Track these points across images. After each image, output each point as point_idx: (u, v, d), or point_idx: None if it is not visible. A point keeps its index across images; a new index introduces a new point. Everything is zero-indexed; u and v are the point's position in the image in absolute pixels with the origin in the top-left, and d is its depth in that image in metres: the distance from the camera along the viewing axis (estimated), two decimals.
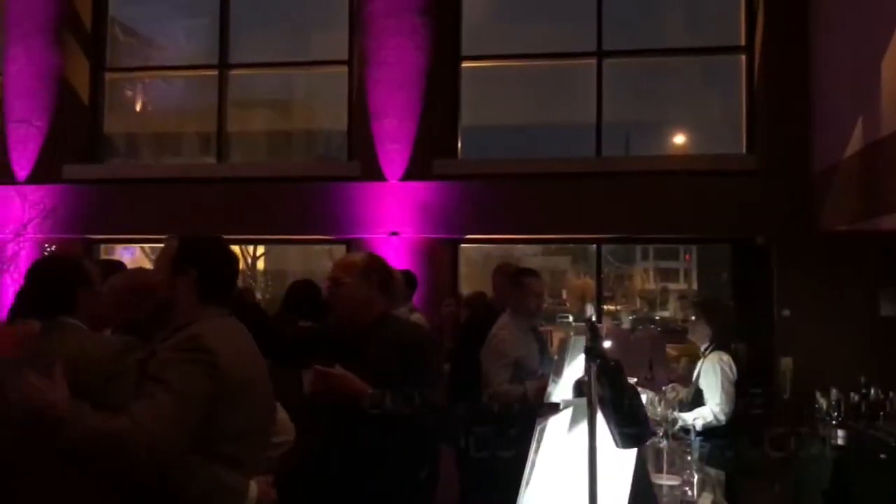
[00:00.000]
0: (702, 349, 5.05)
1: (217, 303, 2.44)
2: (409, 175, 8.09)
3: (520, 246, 9.28)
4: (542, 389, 4.25)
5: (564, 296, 13.24)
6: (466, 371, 4.69)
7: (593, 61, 8.30)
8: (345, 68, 8.72)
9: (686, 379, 5.54)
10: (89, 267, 2.69)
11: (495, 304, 5.54)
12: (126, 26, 9.89)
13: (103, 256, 8.72)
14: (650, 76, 8.70)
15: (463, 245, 8.41)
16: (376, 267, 3.24)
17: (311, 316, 4.40)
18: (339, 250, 8.74)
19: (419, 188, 8.07)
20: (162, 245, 2.55)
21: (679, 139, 8.85)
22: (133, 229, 8.65)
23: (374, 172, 8.14)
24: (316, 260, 10.16)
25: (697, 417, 4.69)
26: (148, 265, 10.12)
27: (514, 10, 8.99)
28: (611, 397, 1.77)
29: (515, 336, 4.49)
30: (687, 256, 14.60)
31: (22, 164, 8.64)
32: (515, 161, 8.20)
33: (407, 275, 5.79)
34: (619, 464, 1.99)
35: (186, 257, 2.42)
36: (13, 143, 8.67)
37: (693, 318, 5.34)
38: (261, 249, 11.82)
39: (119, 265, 4.81)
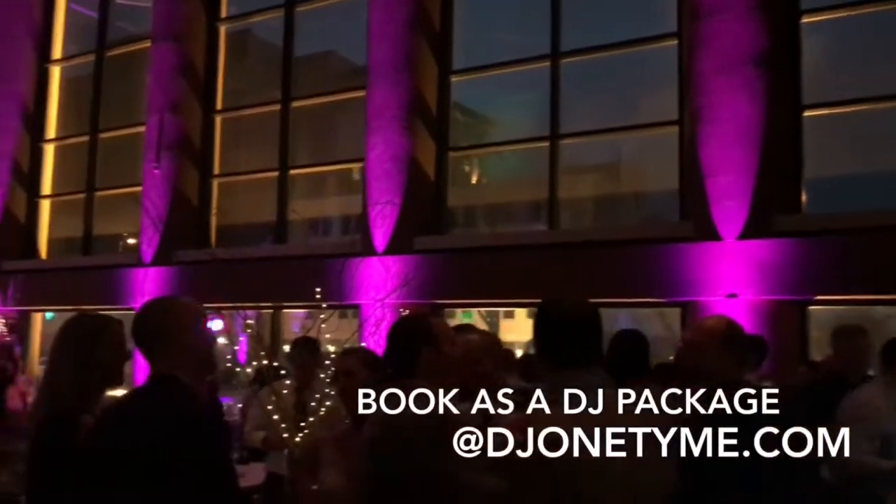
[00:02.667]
0: None
1: (579, 366, 2.30)
2: (748, 233, 7.66)
3: (879, 308, 8.26)
4: None
5: None
6: None
7: None
8: (675, 128, 8.60)
9: None
10: (438, 326, 2.81)
11: (839, 370, 5.04)
12: (464, 107, 10.78)
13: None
14: None
15: (811, 307, 7.73)
16: (738, 339, 3.04)
17: (636, 372, 4.20)
18: (672, 313, 8.53)
19: (759, 246, 7.60)
20: (497, 309, 2.64)
21: None
22: (473, 294, 9.25)
23: (708, 232, 7.84)
24: (647, 323, 9.99)
25: None
26: (484, 328, 10.76)
27: (860, 51, 8.22)
28: None
29: (887, 407, 4.05)
30: None
31: (381, 238, 9.71)
32: (870, 213, 7.39)
33: (756, 341, 5.43)
34: None
35: (539, 324, 2.39)
36: (374, 221, 9.80)
37: None
38: None
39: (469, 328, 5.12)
